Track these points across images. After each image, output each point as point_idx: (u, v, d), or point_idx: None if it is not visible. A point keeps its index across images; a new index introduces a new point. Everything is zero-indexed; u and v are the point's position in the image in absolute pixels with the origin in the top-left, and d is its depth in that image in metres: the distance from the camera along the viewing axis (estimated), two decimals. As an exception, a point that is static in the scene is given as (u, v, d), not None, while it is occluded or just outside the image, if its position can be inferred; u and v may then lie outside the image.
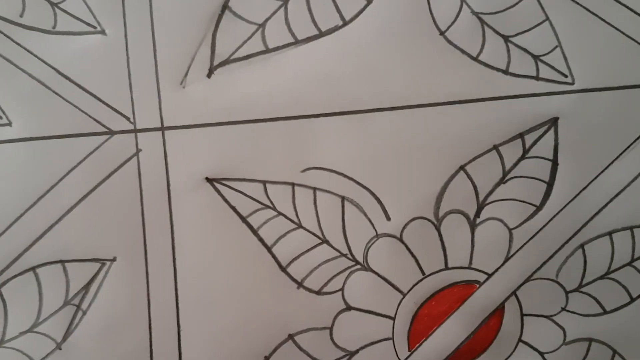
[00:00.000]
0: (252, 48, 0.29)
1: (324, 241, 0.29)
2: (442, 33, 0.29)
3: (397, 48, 0.29)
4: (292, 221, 0.29)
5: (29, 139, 0.29)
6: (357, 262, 0.29)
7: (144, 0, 0.29)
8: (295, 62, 0.29)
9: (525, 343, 0.29)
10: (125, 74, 0.29)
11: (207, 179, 0.29)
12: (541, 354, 0.29)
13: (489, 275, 0.29)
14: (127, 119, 0.29)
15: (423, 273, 0.29)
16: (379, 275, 0.29)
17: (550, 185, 0.29)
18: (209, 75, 0.29)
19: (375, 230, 0.29)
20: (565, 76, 0.29)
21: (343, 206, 0.29)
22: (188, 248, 0.29)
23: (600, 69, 0.29)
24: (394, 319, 0.29)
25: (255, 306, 0.29)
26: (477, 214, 0.29)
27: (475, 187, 0.29)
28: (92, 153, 0.29)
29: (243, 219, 0.29)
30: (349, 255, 0.29)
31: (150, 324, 0.28)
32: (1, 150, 0.29)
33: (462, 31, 0.29)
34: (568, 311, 0.29)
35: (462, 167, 0.29)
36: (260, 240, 0.29)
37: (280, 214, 0.29)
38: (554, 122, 0.29)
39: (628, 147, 0.29)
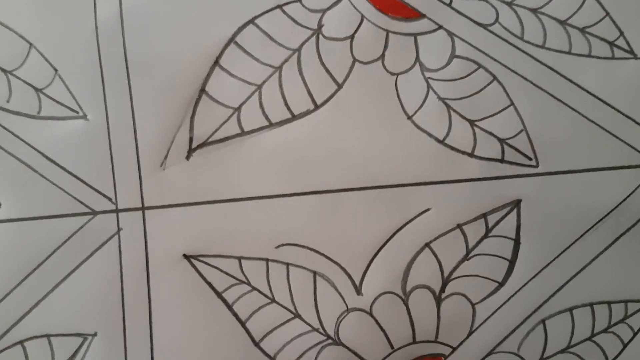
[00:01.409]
0: (228, 131, 0.31)
1: (297, 315, 0.31)
2: (409, 117, 0.31)
3: (366, 131, 0.31)
4: (266, 296, 0.31)
5: (17, 219, 0.30)
6: (329, 337, 0.30)
7: (123, 86, 0.31)
8: (269, 144, 0.31)
9: (489, 416, 0.30)
10: (108, 156, 0.31)
11: (185, 256, 0.31)
12: None
13: (454, 349, 0.30)
14: (109, 199, 0.31)
15: (392, 347, 0.30)
16: (349, 349, 0.30)
17: (512, 262, 0.30)
18: (187, 158, 0.31)
19: (346, 305, 0.31)
20: (530, 159, 0.30)
21: (315, 281, 0.31)
22: (165, 323, 0.30)
23: (564, 153, 0.30)
24: (363, 391, 0.30)
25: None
26: (442, 289, 0.31)
27: (440, 263, 0.31)
28: (76, 232, 0.30)
29: (218, 294, 0.31)
30: (321, 330, 0.31)
31: (130, 397, 0.30)
32: (-10, 230, 0.30)
33: (429, 115, 0.31)
34: (529, 384, 0.30)
35: (427, 244, 0.31)
36: (235, 315, 0.31)
37: (254, 288, 0.31)
38: (516, 204, 0.30)
39: (589, 229, 0.30)
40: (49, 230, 0.30)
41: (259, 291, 0.31)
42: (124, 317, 0.30)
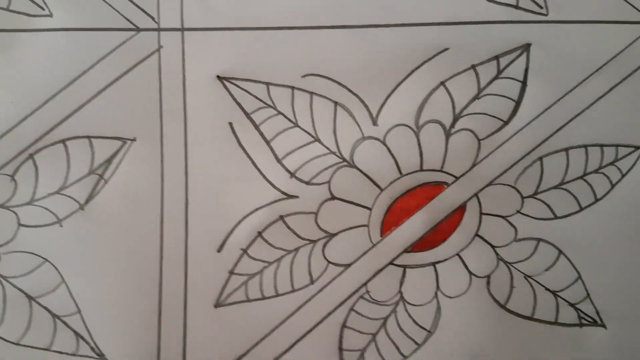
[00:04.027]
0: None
1: (316, 139, 0.33)
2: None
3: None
4: (290, 120, 0.34)
5: (67, 29, 0.33)
6: (344, 160, 0.33)
7: None
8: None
9: (481, 237, 0.33)
10: (153, -22, 0.33)
11: (218, 77, 0.33)
12: (493, 247, 0.33)
13: (457, 178, 0.33)
14: (152, 18, 0.33)
15: (400, 172, 0.33)
16: (361, 172, 0.33)
17: (518, 103, 0.33)
18: (226, -15, 0.33)
19: (362, 133, 0.33)
20: (541, 7, 0.33)
21: (335, 110, 0.34)
22: (198, 136, 0.33)
23: (571, 4, 0.33)
24: (371, 209, 0.33)
25: (253, 191, 0.33)
26: (452, 125, 0.33)
27: (452, 100, 0.33)
28: (120, 46, 0.33)
29: (247, 115, 0.34)
30: (338, 153, 0.33)
31: (162, 198, 0.33)
32: (42, 38, 0.33)
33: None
34: (522, 214, 0.33)
35: (442, 83, 0.33)
36: (261, 134, 0.33)
37: (279, 112, 0.34)
38: (526, 47, 0.33)
39: (590, 75, 0.33)
40: (95, 42, 0.33)
41: (284, 115, 0.34)
42: (161, 127, 0.33)
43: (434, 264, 0.33)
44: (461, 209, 0.33)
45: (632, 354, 0.32)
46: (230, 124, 0.33)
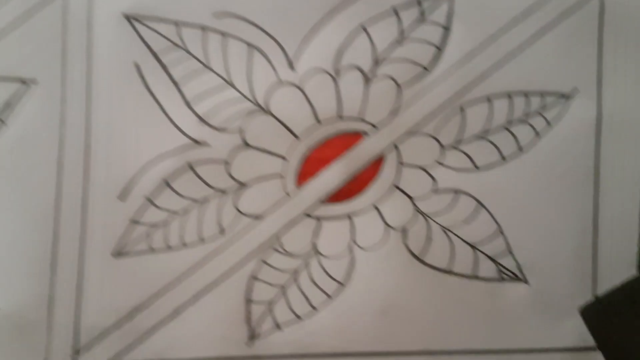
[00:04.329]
0: None
1: (229, 84, 0.32)
2: None
3: None
4: (202, 62, 0.32)
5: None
6: (258, 105, 0.32)
7: None
8: None
9: (399, 189, 0.32)
10: None
11: (125, 16, 0.31)
12: (411, 199, 0.32)
13: (376, 127, 0.32)
14: (52, -51, 0.31)
15: (318, 120, 0.32)
16: (277, 119, 0.32)
17: (440, 50, 0.32)
18: None
19: (278, 78, 0.32)
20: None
21: (250, 53, 0.32)
22: (103, 78, 0.31)
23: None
24: (286, 159, 0.32)
25: (160, 136, 0.31)
26: (373, 71, 0.32)
27: (373, 46, 0.32)
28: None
29: (156, 56, 0.32)
30: (251, 99, 0.32)
31: (61, 142, 0.31)
32: None
33: None
34: (442, 165, 0.32)
35: (363, 26, 0.32)
36: (170, 77, 0.32)
37: (190, 54, 0.32)
38: (450, -11, 0.31)
39: (514, 21, 0.31)
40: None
41: (195, 57, 0.32)
42: (64, 66, 0.31)
43: (350, 215, 0.32)
44: (380, 160, 0.32)
45: (551, 308, 0.32)
46: (138, 65, 0.32)
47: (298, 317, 0.32)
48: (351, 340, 0.32)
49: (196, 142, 0.32)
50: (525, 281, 0.32)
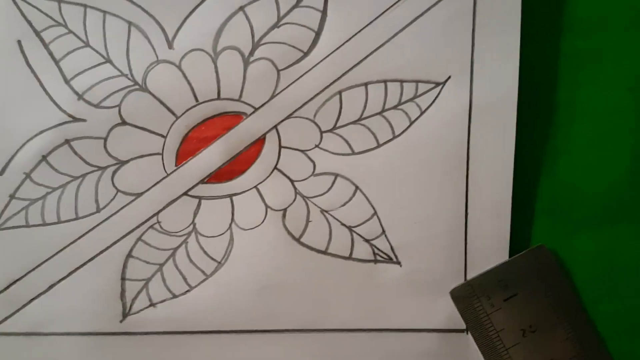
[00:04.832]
0: None
1: (108, 61, 0.32)
2: None
3: None
4: (81, 39, 0.32)
5: None
6: (137, 83, 0.32)
7: None
8: None
9: (280, 171, 0.33)
10: None
11: (4, -10, 0.31)
12: (292, 181, 0.33)
13: (255, 109, 0.32)
14: None
15: (196, 100, 0.32)
16: (155, 97, 0.32)
17: (318, 34, 0.32)
18: None
19: (157, 56, 0.32)
20: None
21: (129, 31, 0.32)
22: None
23: None
24: (165, 137, 0.32)
25: (38, 112, 0.31)
26: (251, 53, 0.32)
27: (252, 27, 0.32)
28: None
29: (37, 33, 0.31)
30: (130, 76, 0.32)
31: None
32: None
33: None
34: (321, 148, 0.32)
35: (241, 8, 0.32)
36: (50, 53, 0.32)
37: (70, 31, 0.32)
38: (326, -27, 0.31)
39: (391, 6, 0.32)
40: None
41: (75, 34, 0.32)
42: None
43: (230, 195, 0.33)
44: (260, 141, 0.32)
45: (423, 290, 0.33)
46: (19, 41, 0.31)
47: (173, 294, 0.32)
48: (228, 318, 0.32)
49: (74, 118, 0.32)
50: (398, 263, 0.33)
